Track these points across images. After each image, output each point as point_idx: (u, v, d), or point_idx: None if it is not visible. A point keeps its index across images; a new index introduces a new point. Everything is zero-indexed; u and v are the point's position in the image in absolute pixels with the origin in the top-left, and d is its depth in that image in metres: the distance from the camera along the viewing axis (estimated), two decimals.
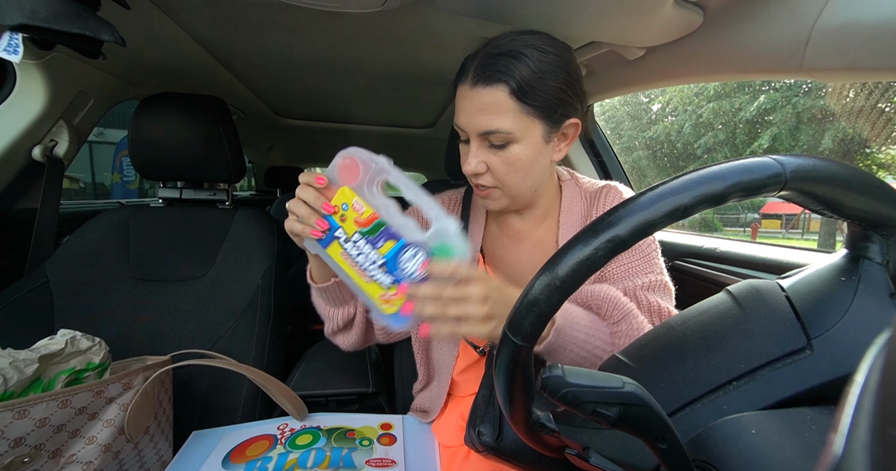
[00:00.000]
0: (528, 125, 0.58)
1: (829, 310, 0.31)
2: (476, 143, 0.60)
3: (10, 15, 0.53)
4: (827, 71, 0.55)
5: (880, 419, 0.13)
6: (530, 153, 0.60)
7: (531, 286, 0.30)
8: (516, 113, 0.57)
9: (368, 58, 1.07)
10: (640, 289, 0.63)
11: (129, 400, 0.63)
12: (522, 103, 0.56)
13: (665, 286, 0.65)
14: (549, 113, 0.58)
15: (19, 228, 1.01)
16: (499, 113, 0.57)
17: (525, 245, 0.73)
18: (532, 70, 0.55)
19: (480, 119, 0.58)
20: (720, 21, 0.66)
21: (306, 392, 0.83)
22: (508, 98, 0.56)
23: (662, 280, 0.65)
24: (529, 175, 0.63)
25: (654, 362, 0.37)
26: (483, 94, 0.57)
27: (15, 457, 0.53)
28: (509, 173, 0.61)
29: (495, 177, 0.62)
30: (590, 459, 0.34)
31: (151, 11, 0.80)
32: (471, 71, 0.58)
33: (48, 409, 0.55)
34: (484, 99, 0.57)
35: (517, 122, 0.57)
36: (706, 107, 6.99)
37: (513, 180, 0.62)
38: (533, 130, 0.59)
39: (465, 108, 0.60)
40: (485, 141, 0.60)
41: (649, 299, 0.62)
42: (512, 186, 0.63)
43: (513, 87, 0.55)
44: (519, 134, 0.58)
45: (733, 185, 0.28)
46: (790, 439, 0.26)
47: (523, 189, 0.64)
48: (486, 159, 0.61)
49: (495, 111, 0.57)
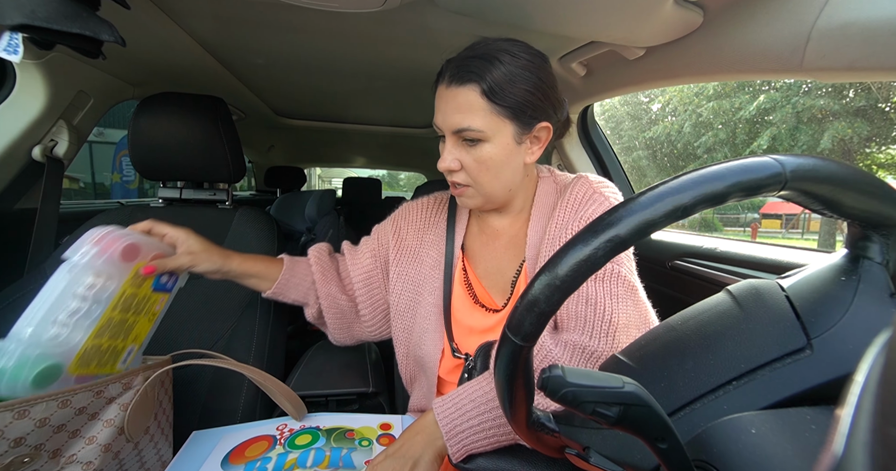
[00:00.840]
0: (498, 125, 0.61)
1: (829, 310, 0.31)
2: (451, 140, 0.63)
3: (10, 15, 0.53)
4: (827, 71, 0.55)
5: (880, 419, 0.13)
6: (501, 153, 0.62)
7: (531, 286, 0.30)
8: (487, 112, 0.60)
9: (368, 58, 1.07)
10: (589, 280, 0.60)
11: (129, 400, 0.63)
12: (493, 103, 0.59)
13: (619, 277, 0.61)
14: (519, 114, 0.61)
15: (19, 228, 1.02)
16: (470, 111, 0.60)
17: (501, 242, 0.75)
18: (503, 72, 0.59)
19: (454, 117, 0.61)
20: (720, 21, 0.66)
21: (306, 392, 0.83)
22: (480, 98, 0.59)
23: (616, 270, 0.61)
24: (501, 174, 0.65)
25: (654, 362, 0.37)
26: (457, 93, 0.60)
27: (15, 457, 0.53)
28: (481, 172, 0.63)
29: (468, 175, 0.64)
30: (590, 459, 0.34)
31: (151, 11, 0.80)
32: (447, 72, 0.62)
33: (48, 409, 0.54)
34: (457, 98, 0.60)
35: (488, 121, 0.60)
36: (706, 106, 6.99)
37: (484, 179, 0.64)
38: (503, 130, 0.61)
39: (440, 107, 0.63)
40: (459, 139, 0.63)
41: (596, 289, 0.60)
42: (484, 184, 0.65)
43: (484, 88, 0.59)
44: (489, 133, 0.61)
45: (733, 184, 0.28)
46: (790, 439, 0.26)
47: (496, 188, 0.66)
48: (460, 157, 0.63)
49: (467, 110, 0.60)
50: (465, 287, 0.74)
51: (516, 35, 0.65)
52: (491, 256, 0.75)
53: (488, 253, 0.75)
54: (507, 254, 0.74)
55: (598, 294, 0.60)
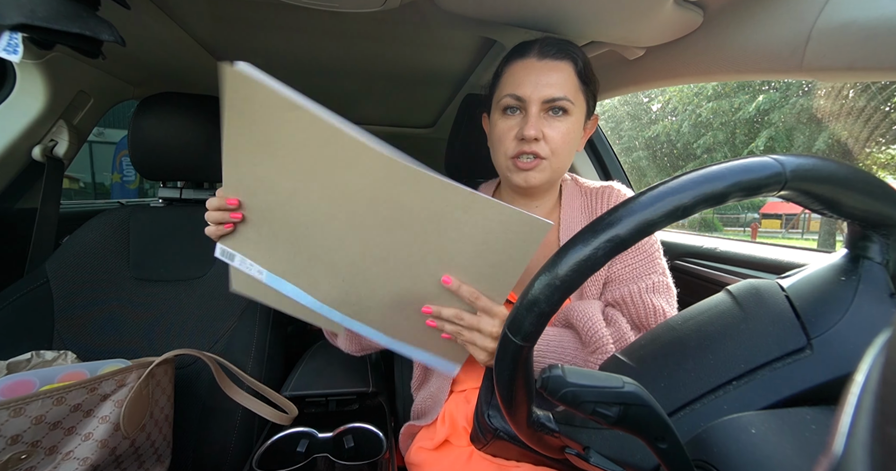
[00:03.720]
0: (580, 103, 0.66)
1: (829, 310, 0.31)
2: (534, 110, 0.64)
3: (10, 15, 0.53)
4: (827, 71, 0.55)
5: (880, 419, 0.13)
6: (576, 130, 0.66)
7: (531, 286, 0.30)
8: (576, 89, 0.65)
9: (368, 58, 1.07)
10: (645, 291, 0.64)
11: (123, 397, 0.64)
12: (581, 82, 0.65)
13: (667, 287, 0.65)
14: (591, 100, 0.68)
15: (19, 228, 1.01)
16: (566, 84, 0.64)
17: None
18: (586, 61, 0.66)
19: (550, 88, 0.63)
20: (720, 21, 0.66)
21: (306, 392, 0.83)
22: (573, 74, 0.64)
23: (665, 281, 0.65)
24: (572, 150, 0.68)
25: (654, 361, 0.37)
26: (552, 65, 0.64)
27: (12, 454, 0.53)
28: (562, 144, 0.65)
29: (549, 145, 0.65)
30: (590, 459, 0.34)
31: (151, 11, 0.80)
32: (536, 48, 0.65)
33: (44, 406, 0.55)
34: (553, 70, 0.64)
35: (576, 96, 0.65)
36: (705, 106, 7.00)
37: (563, 151, 0.66)
38: (581, 109, 0.66)
39: (529, 79, 0.64)
40: (546, 109, 0.65)
41: (653, 303, 0.62)
42: (560, 156, 0.66)
43: (578, 66, 0.65)
44: (574, 108, 0.65)
45: (733, 184, 0.28)
46: (790, 439, 0.26)
47: (564, 164, 0.68)
48: (544, 128, 0.65)
49: (563, 82, 0.64)
50: None
51: (516, 35, 0.65)
52: None
53: None
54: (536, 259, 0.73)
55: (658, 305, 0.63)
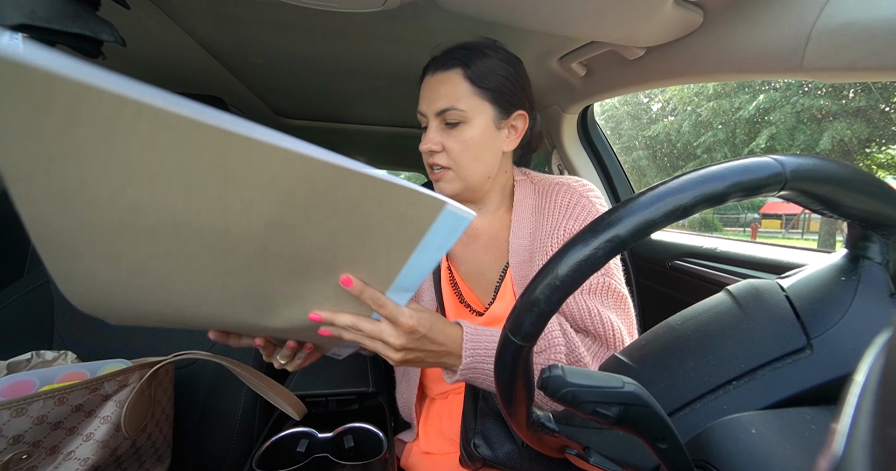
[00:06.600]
0: (479, 107, 0.64)
1: (829, 310, 0.31)
2: (433, 124, 0.66)
3: (10, 15, 0.53)
4: (827, 71, 0.55)
5: (880, 419, 0.13)
6: (481, 135, 0.65)
7: (531, 286, 0.30)
8: (469, 94, 0.63)
9: (368, 58, 1.07)
10: (579, 293, 0.62)
11: (125, 397, 0.64)
12: (475, 86, 0.63)
13: (607, 288, 0.63)
14: (499, 99, 0.65)
15: (19, 228, 1.01)
16: (454, 93, 0.63)
17: (480, 243, 0.75)
18: (484, 61, 0.64)
19: (439, 100, 0.64)
20: (720, 21, 0.66)
21: (306, 392, 0.83)
22: (463, 80, 0.63)
23: (605, 282, 0.63)
24: (480, 157, 0.66)
25: (654, 361, 0.37)
26: (441, 77, 0.64)
27: (14, 454, 0.53)
28: (462, 153, 0.65)
29: (449, 156, 0.66)
30: (590, 459, 0.34)
31: (151, 11, 0.80)
32: (432, 64, 0.66)
33: (45, 406, 0.55)
34: (441, 81, 0.64)
35: (470, 102, 0.63)
36: (706, 106, 7.00)
37: (465, 160, 0.65)
38: (484, 112, 0.65)
39: (425, 95, 0.66)
40: (441, 121, 0.65)
41: (588, 305, 0.61)
42: (464, 165, 0.66)
43: (467, 72, 0.63)
44: (471, 114, 0.63)
45: (733, 185, 0.28)
46: (790, 439, 0.26)
47: (475, 171, 0.67)
48: (442, 139, 0.65)
49: (451, 91, 0.63)
50: (451, 287, 0.75)
51: (516, 35, 0.65)
52: (472, 257, 0.75)
53: (469, 254, 0.75)
54: (488, 255, 0.74)
55: (592, 307, 0.61)
